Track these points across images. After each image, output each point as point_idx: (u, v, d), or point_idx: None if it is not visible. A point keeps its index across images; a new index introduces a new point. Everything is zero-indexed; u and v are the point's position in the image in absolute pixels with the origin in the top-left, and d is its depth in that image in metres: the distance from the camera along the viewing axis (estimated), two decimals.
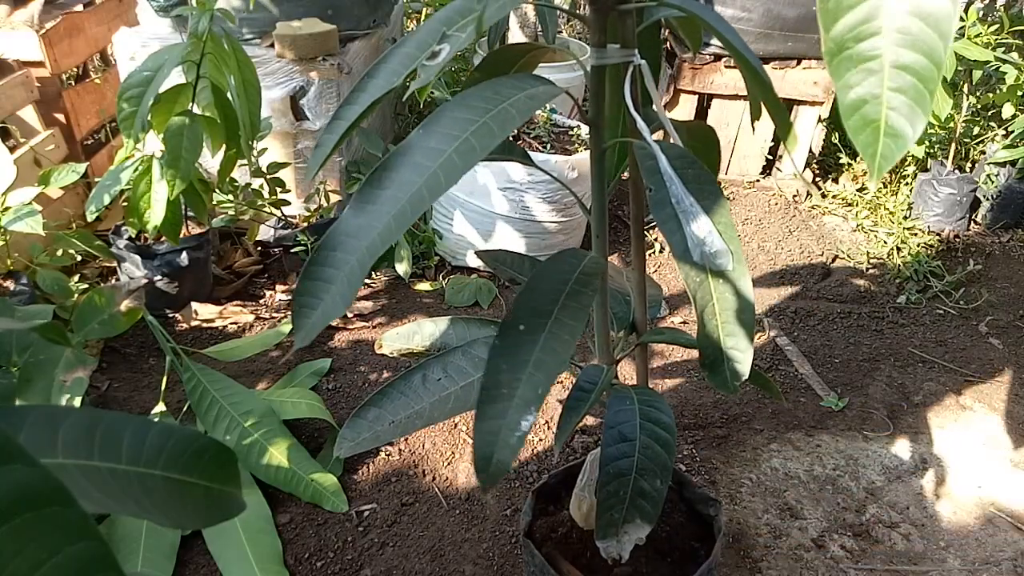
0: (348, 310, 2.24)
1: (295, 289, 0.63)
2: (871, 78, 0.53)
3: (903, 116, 0.53)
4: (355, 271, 0.62)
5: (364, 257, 0.61)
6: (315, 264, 0.63)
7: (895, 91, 0.52)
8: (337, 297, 0.62)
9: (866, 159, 0.54)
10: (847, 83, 0.53)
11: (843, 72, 0.53)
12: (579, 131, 2.49)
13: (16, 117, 2.27)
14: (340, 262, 0.62)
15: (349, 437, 1.00)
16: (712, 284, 0.79)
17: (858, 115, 0.53)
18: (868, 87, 0.53)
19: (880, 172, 0.54)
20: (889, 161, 0.53)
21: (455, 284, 2.38)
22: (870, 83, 0.53)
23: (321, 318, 0.62)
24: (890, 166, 0.53)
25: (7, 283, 1.97)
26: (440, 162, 0.64)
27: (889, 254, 2.73)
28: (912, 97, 0.52)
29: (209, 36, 1.70)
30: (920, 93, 0.52)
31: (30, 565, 0.33)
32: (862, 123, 0.53)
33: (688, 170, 0.78)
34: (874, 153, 0.53)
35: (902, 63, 0.52)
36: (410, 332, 1.22)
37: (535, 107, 0.71)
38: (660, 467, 0.90)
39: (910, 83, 0.52)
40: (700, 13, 0.72)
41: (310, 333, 0.62)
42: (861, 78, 0.53)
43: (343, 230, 0.63)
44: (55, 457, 0.43)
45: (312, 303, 0.63)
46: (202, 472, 0.47)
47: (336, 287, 0.62)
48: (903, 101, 0.52)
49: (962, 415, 2.01)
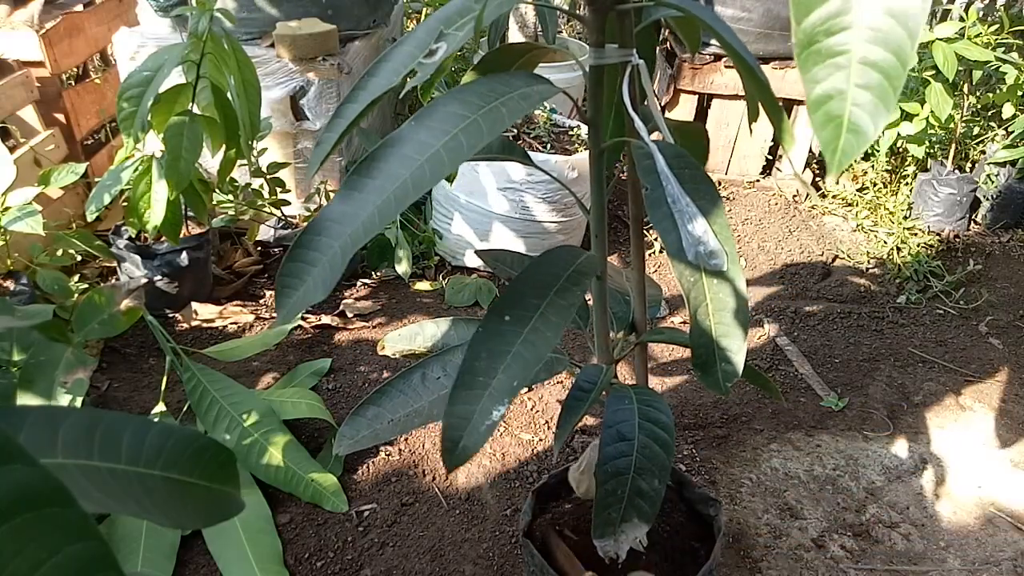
0: (348, 310, 2.25)
1: (280, 270, 0.65)
2: (838, 73, 0.52)
3: (867, 113, 0.53)
4: (337, 257, 0.63)
5: (347, 244, 0.63)
6: (300, 247, 0.65)
7: (861, 88, 0.52)
8: (319, 280, 0.63)
9: (826, 154, 0.54)
10: (814, 77, 0.53)
11: (811, 66, 0.53)
12: (579, 131, 2.49)
13: (16, 117, 2.27)
14: (324, 246, 0.64)
15: (348, 435, 1.01)
16: (706, 284, 0.79)
17: (823, 111, 0.53)
18: (834, 82, 0.53)
19: (839, 167, 0.53)
20: (848, 157, 0.53)
21: (455, 284, 2.38)
22: (837, 78, 0.52)
23: (302, 299, 0.64)
24: (849, 162, 0.53)
25: (7, 283, 1.97)
26: (428, 156, 0.65)
27: (889, 254, 2.73)
28: (877, 94, 0.52)
29: (209, 36, 1.70)
30: (885, 91, 0.52)
31: (30, 565, 0.33)
32: (826, 119, 0.53)
33: (685, 170, 0.78)
34: (835, 149, 0.53)
35: (870, 60, 0.52)
36: (412, 333, 1.22)
37: (528, 107, 0.71)
38: (658, 467, 0.91)
39: (876, 80, 0.52)
40: (698, 13, 0.72)
41: (291, 312, 0.64)
42: (828, 73, 0.53)
43: (329, 215, 0.65)
44: (55, 457, 0.43)
45: (295, 284, 0.64)
46: (201, 472, 0.47)
47: (318, 270, 0.64)
48: (868, 98, 0.52)
49: (962, 415, 2.01)
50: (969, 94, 2.81)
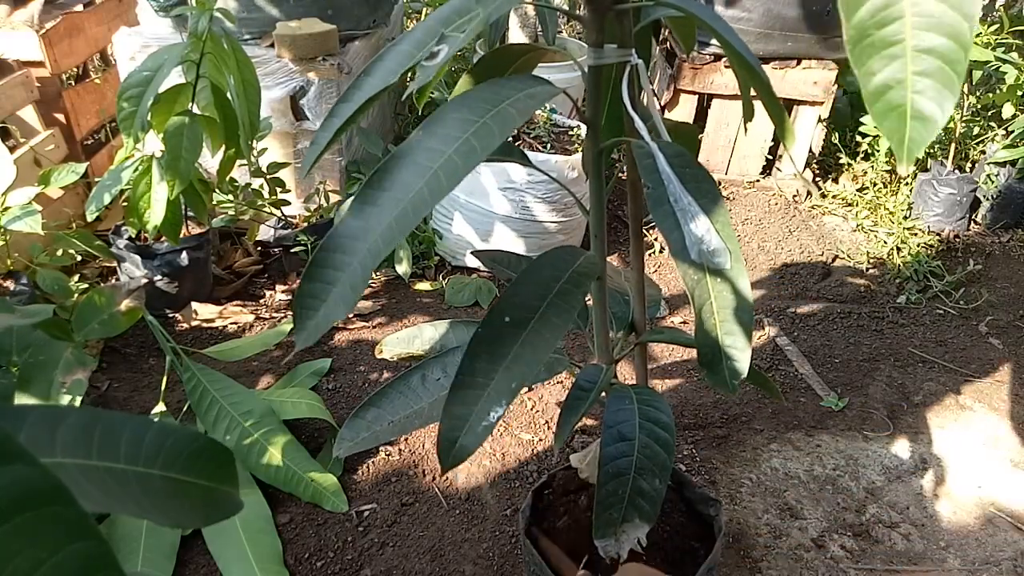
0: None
1: (297, 291, 0.63)
2: (894, 63, 0.52)
3: (930, 99, 0.52)
4: (357, 273, 0.61)
5: (366, 259, 0.61)
6: (317, 265, 0.63)
7: (919, 75, 0.52)
8: (339, 299, 0.61)
9: (893, 145, 0.53)
10: (870, 69, 0.53)
11: (865, 59, 0.52)
12: (579, 131, 2.49)
13: (16, 117, 2.27)
14: (342, 264, 0.62)
15: (348, 437, 1.01)
16: (710, 282, 0.79)
17: (883, 101, 0.53)
18: (891, 72, 0.52)
19: (911, 157, 0.53)
20: (919, 145, 0.53)
21: (455, 284, 2.38)
22: (893, 68, 0.52)
23: (324, 320, 0.62)
24: (920, 150, 0.53)
25: (7, 283, 1.97)
26: (441, 163, 0.63)
27: (889, 254, 2.73)
28: (939, 80, 0.52)
29: (209, 36, 1.70)
30: (947, 75, 0.52)
31: (30, 565, 0.33)
32: (887, 108, 0.53)
33: (686, 169, 0.78)
34: (901, 138, 0.53)
35: (925, 46, 0.51)
36: (410, 336, 1.22)
37: (535, 107, 0.71)
38: (659, 467, 0.90)
39: (935, 66, 0.51)
40: (697, 13, 0.72)
41: (312, 335, 0.62)
42: (884, 64, 0.52)
43: (344, 232, 0.63)
44: (54, 456, 0.43)
45: (315, 304, 0.62)
46: (200, 472, 0.47)
47: (338, 289, 0.62)
48: (929, 84, 0.52)
49: (962, 415, 2.01)
50: (969, 94, 2.81)
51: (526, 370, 0.72)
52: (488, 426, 0.71)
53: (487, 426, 0.71)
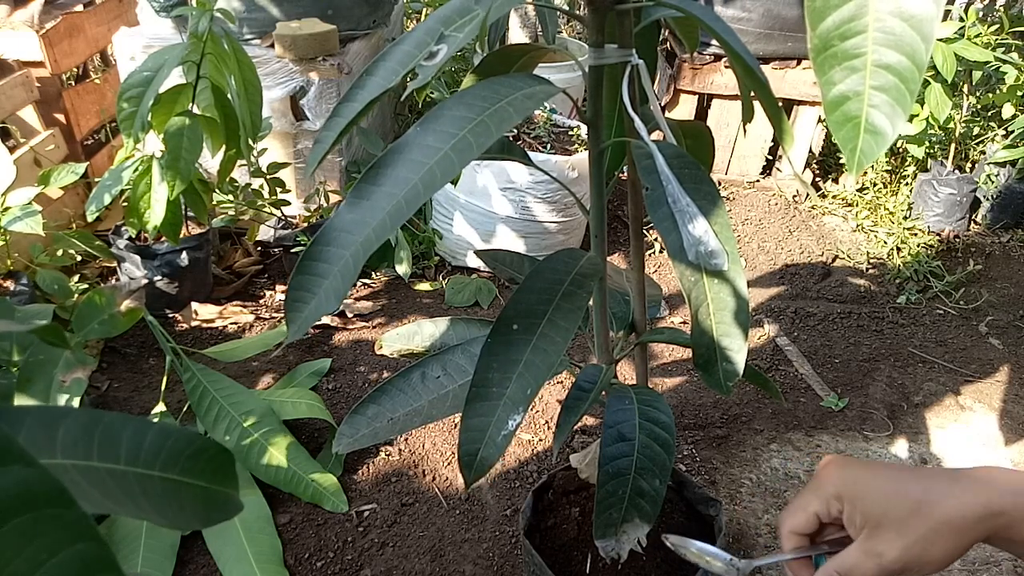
0: (348, 310, 2.25)
1: (289, 283, 0.64)
2: (854, 75, 0.54)
3: (884, 114, 0.54)
4: (349, 266, 0.61)
5: (358, 252, 0.61)
6: (309, 259, 0.63)
7: (877, 89, 0.53)
8: (330, 291, 0.62)
9: (845, 154, 0.55)
10: (831, 79, 0.54)
11: (827, 69, 0.54)
12: (579, 131, 2.49)
13: (16, 117, 2.27)
14: (334, 257, 0.62)
15: (347, 433, 1.00)
16: (707, 284, 0.79)
17: (840, 111, 0.54)
18: (851, 84, 0.54)
19: (859, 168, 0.54)
20: (868, 157, 0.54)
21: (455, 284, 2.38)
22: (852, 80, 0.54)
23: (314, 312, 0.62)
24: (869, 162, 0.54)
25: (7, 283, 1.97)
26: (437, 159, 0.63)
27: (889, 254, 2.73)
28: (893, 96, 0.53)
29: (209, 36, 1.70)
30: (901, 93, 0.53)
31: (30, 565, 0.33)
32: (843, 119, 0.54)
33: (685, 170, 0.78)
34: (854, 148, 0.54)
35: (884, 62, 0.53)
36: (410, 332, 1.22)
37: (533, 106, 0.71)
38: (659, 467, 0.90)
39: (892, 82, 0.53)
40: (697, 13, 0.72)
41: (302, 326, 0.62)
42: (844, 75, 0.54)
43: (337, 225, 0.63)
44: (54, 457, 0.43)
45: (305, 297, 0.62)
46: (200, 473, 0.47)
47: (329, 281, 0.62)
48: (884, 100, 0.53)
49: (962, 415, 2.01)
50: (969, 94, 2.81)
51: (539, 376, 0.72)
52: (508, 435, 0.70)
53: (506, 435, 0.70)
